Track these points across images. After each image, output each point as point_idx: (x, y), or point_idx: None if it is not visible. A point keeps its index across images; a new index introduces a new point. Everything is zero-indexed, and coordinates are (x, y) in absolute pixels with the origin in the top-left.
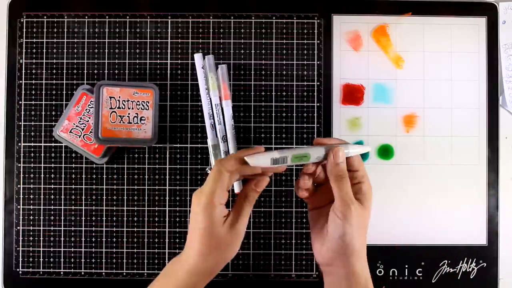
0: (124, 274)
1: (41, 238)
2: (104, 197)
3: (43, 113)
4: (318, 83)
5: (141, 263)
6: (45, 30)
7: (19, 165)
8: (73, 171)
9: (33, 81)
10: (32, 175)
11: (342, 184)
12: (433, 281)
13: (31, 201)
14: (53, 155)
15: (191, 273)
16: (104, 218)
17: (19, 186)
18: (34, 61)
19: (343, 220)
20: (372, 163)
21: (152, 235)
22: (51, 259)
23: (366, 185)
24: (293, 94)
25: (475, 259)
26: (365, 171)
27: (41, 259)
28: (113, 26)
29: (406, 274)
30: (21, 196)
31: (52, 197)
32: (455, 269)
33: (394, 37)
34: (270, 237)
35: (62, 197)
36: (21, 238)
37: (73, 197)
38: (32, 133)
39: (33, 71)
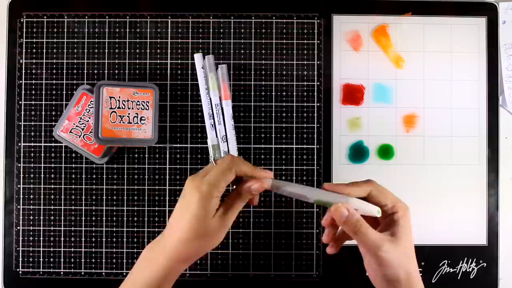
0: (124, 274)
1: (41, 238)
2: (104, 197)
3: (43, 113)
4: (318, 83)
5: None
6: (45, 30)
7: (19, 165)
8: (73, 171)
9: (33, 81)
10: (32, 175)
11: (360, 235)
12: (433, 281)
13: (31, 201)
14: (53, 155)
15: (170, 257)
16: (104, 218)
17: (19, 186)
18: (34, 61)
19: (377, 266)
20: (372, 163)
21: (152, 235)
22: (51, 259)
23: (400, 214)
24: (293, 94)
25: (475, 259)
26: (395, 198)
27: (41, 259)
28: (113, 26)
29: None
30: (21, 196)
31: (52, 197)
32: (455, 269)
33: (394, 37)
34: (270, 237)
35: (62, 197)
36: (21, 238)
37: (73, 197)
38: (32, 133)
39: (33, 71)
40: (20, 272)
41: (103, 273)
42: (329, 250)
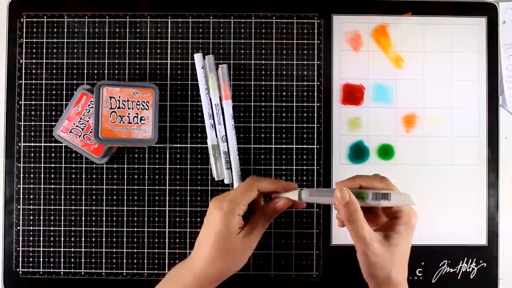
0: (124, 274)
1: (41, 238)
2: (104, 197)
3: (43, 113)
4: (318, 83)
5: (141, 263)
6: (45, 30)
7: (19, 165)
8: (73, 171)
9: (33, 81)
10: (32, 175)
11: (353, 225)
12: (433, 281)
13: (31, 201)
14: (53, 155)
15: (197, 277)
16: (104, 218)
17: (19, 186)
18: (34, 61)
19: (361, 261)
20: (372, 163)
21: (152, 235)
22: (51, 259)
23: (402, 220)
24: (293, 94)
25: (475, 259)
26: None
27: (41, 259)
28: (113, 26)
29: None
30: (21, 196)
31: (52, 197)
32: (455, 269)
33: (394, 37)
34: (270, 237)
35: (62, 197)
36: (21, 238)
37: (73, 197)
38: (32, 133)
39: (33, 71)
40: (20, 272)
41: (103, 273)
42: (339, 224)
